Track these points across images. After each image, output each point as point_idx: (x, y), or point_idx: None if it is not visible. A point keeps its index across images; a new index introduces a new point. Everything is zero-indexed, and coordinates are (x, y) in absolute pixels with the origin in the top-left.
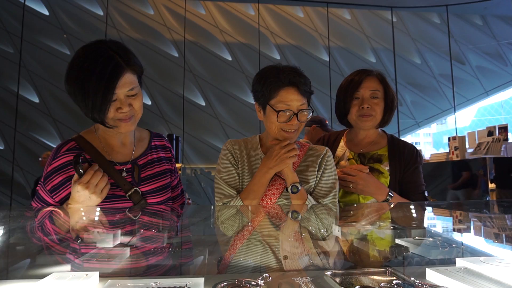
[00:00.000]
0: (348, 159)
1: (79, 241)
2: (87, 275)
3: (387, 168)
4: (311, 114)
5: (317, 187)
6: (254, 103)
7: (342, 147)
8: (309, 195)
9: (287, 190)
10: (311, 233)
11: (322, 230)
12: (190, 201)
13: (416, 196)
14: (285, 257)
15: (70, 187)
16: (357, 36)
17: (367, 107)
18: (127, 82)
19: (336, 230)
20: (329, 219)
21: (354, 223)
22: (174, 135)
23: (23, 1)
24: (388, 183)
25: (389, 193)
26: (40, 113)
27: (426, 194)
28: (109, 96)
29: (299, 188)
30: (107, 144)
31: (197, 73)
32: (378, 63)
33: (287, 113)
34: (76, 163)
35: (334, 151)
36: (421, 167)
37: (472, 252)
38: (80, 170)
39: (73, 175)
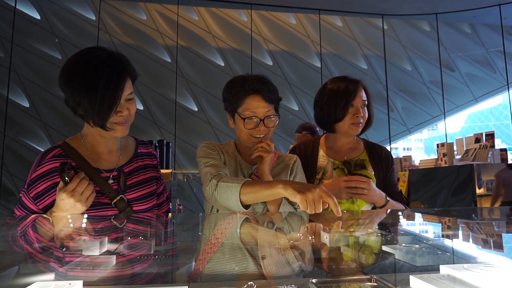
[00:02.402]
0: (334, 168)
1: (63, 250)
2: (70, 284)
3: (373, 172)
4: (278, 120)
5: None
6: None
7: (323, 157)
8: (284, 199)
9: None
10: (295, 240)
11: (309, 237)
12: (181, 207)
13: (396, 197)
14: (268, 264)
15: (55, 194)
16: (349, 43)
17: (361, 116)
18: (128, 87)
19: (325, 237)
20: (315, 226)
21: (341, 230)
22: (165, 141)
23: (14, 5)
24: None
25: (386, 198)
26: (30, 118)
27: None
28: (115, 101)
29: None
30: (94, 151)
31: (189, 78)
32: (370, 69)
33: (254, 120)
34: (62, 171)
35: (315, 160)
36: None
37: (459, 258)
38: (66, 178)
39: (58, 182)
